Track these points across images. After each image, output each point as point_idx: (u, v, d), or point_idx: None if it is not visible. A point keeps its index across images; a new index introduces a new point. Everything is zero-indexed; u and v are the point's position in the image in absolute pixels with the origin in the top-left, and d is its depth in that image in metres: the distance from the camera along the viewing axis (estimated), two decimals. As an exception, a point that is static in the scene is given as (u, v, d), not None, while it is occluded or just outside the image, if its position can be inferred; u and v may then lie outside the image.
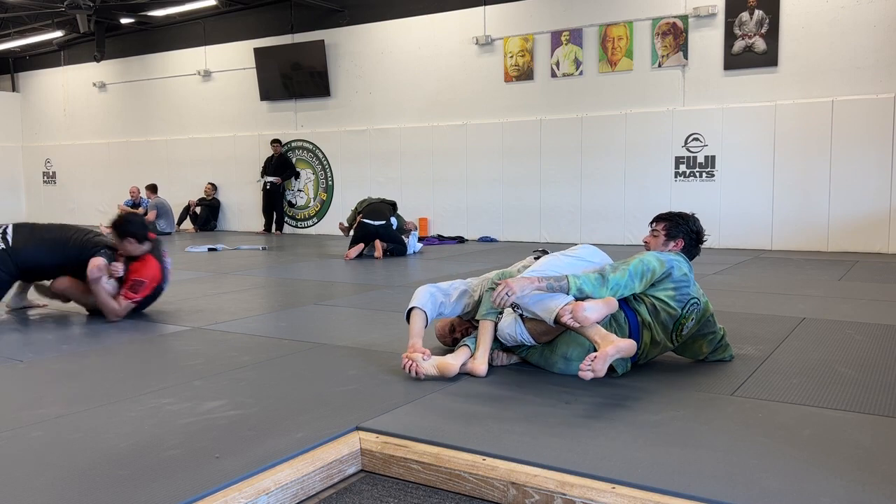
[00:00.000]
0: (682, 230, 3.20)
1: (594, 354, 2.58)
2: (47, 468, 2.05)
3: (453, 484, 2.09)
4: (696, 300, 3.03)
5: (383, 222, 7.92)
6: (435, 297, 3.18)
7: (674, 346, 3.10)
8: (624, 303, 2.95)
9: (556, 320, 2.74)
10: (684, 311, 2.99)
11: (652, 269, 2.94)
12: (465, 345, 3.06)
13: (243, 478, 1.97)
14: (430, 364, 2.90)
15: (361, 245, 7.79)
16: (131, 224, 4.47)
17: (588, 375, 2.55)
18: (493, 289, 2.98)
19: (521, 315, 2.92)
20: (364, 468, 2.26)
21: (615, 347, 2.62)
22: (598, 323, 2.75)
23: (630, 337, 2.90)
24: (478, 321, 3.11)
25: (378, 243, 7.81)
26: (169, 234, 11.80)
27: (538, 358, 3.03)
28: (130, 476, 1.98)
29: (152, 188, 12.45)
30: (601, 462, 2.05)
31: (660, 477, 1.95)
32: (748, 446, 2.16)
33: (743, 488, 1.88)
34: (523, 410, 2.52)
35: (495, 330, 3.04)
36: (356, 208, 8.20)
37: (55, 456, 2.15)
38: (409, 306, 3.18)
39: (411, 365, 2.90)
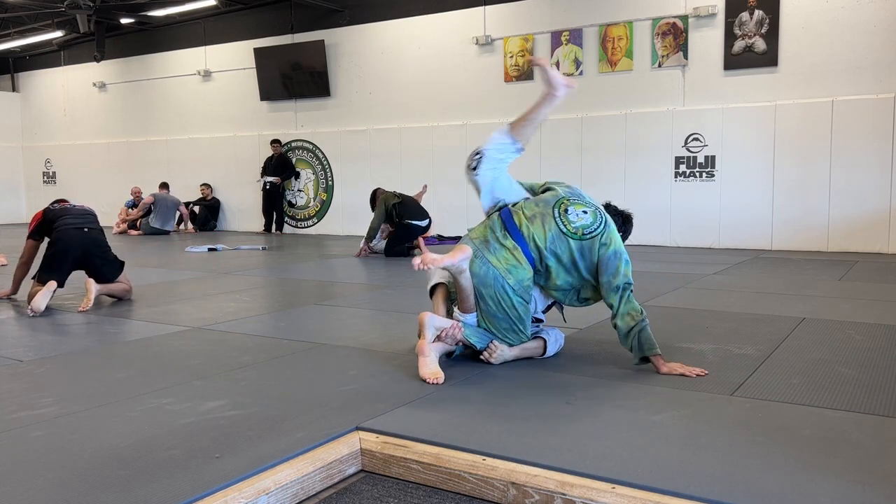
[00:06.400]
0: None
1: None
2: (47, 468, 2.05)
3: (453, 484, 2.09)
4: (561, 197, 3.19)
5: (428, 220, 7.94)
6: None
7: (566, 231, 3.09)
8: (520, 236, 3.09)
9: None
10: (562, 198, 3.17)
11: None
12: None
13: (243, 478, 1.97)
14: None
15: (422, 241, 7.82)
16: None
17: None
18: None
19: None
20: (364, 468, 2.26)
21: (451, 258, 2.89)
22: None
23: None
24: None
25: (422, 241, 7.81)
26: (165, 232, 11.71)
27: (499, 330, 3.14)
28: (130, 476, 1.98)
29: (161, 186, 12.42)
30: (601, 462, 2.05)
31: (660, 477, 1.95)
32: (748, 446, 2.16)
33: (743, 488, 1.88)
34: (523, 410, 2.52)
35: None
36: (385, 203, 7.82)
37: (55, 456, 2.15)
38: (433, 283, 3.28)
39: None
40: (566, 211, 3.12)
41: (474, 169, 3.14)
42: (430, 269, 2.88)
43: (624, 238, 3.40)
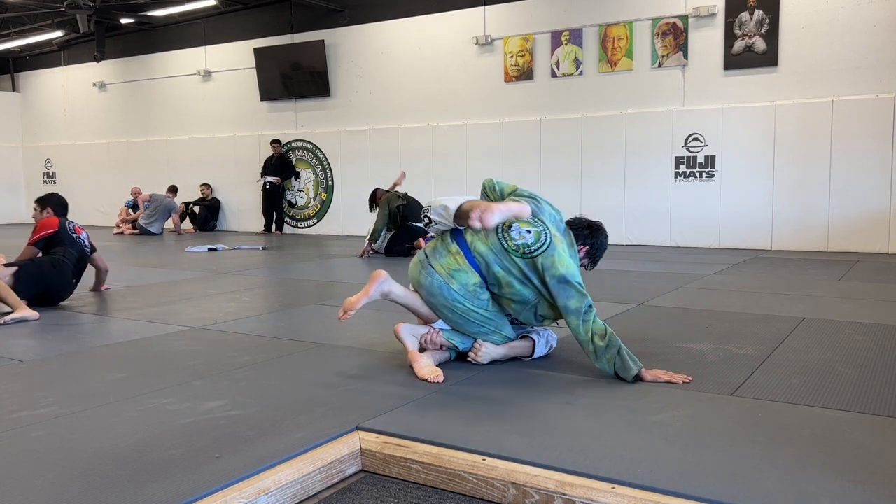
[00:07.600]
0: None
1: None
2: (47, 468, 2.05)
3: (453, 484, 2.09)
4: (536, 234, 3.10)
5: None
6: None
7: (513, 251, 3.03)
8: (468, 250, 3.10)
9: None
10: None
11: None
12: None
13: (243, 478, 1.97)
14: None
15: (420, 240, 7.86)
16: None
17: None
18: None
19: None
20: (364, 468, 2.26)
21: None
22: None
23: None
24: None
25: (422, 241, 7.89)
26: (159, 234, 11.66)
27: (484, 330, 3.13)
28: (130, 476, 1.98)
29: (169, 189, 12.37)
30: (601, 462, 2.05)
31: (660, 477, 1.95)
32: (748, 446, 2.16)
33: (743, 488, 1.88)
34: (523, 410, 2.52)
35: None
36: (388, 205, 7.88)
37: (55, 456, 2.15)
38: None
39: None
40: (510, 227, 3.08)
41: (426, 225, 3.20)
42: (351, 315, 3.02)
43: (598, 251, 3.32)
